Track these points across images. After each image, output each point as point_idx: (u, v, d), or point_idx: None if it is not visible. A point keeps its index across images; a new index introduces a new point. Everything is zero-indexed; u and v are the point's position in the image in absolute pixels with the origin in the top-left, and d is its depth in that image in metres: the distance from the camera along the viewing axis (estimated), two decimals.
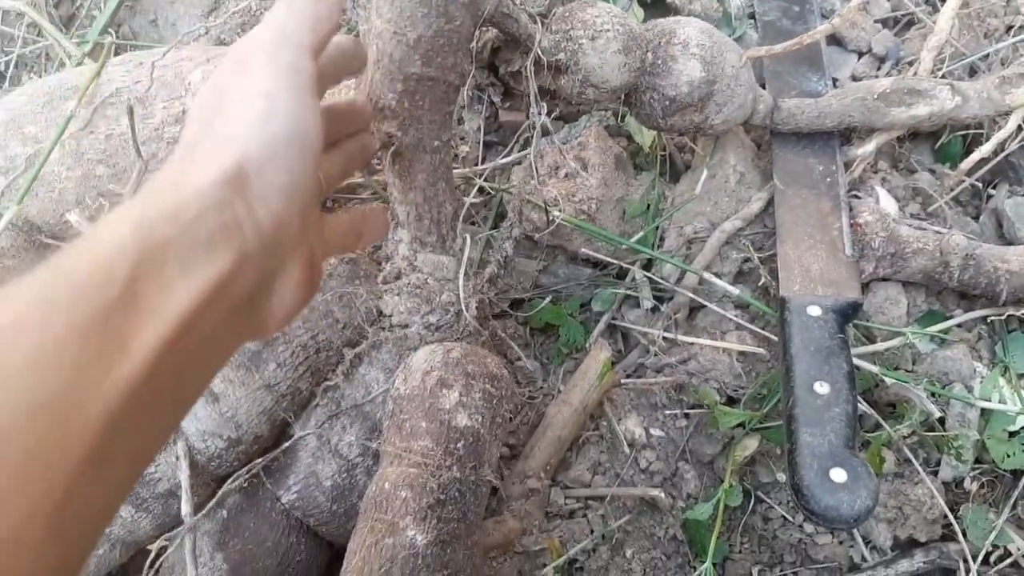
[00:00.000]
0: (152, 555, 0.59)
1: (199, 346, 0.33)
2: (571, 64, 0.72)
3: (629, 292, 0.86)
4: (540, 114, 0.72)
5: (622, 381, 0.81)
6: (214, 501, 0.58)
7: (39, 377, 0.27)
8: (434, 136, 0.69)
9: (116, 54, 1.02)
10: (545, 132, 0.82)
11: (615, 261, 0.86)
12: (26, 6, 1.07)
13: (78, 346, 0.28)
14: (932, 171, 0.90)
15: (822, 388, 0.66)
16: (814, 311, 0.71)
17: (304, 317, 0.64)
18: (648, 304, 0.85)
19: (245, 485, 0.62)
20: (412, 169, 0.70)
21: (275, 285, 0.39)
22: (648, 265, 0.87)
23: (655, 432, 0.79)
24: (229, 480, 0.60)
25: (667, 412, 0.80)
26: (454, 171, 0.79)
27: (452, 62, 0.66)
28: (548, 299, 0.87)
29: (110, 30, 1.07)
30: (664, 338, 0.81)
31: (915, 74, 0.88)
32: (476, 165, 0.93)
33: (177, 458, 0.58)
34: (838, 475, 0.61)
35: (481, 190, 0.88)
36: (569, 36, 0.72)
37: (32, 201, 0.75)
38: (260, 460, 0.62)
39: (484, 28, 0.75)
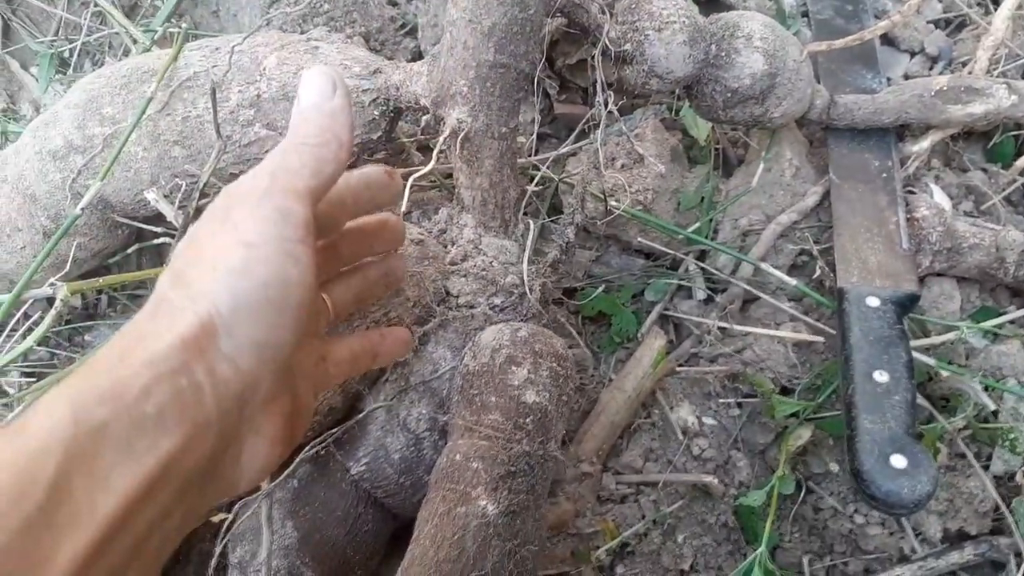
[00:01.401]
0: (228, 520, 0.61)
1: (148, 527, 0.31)
2: (637, 54, 0.74)
3: (682, 282, 0.87)
4: (607, 102, 0.73)
5: (676, 369, 0.82)
6: (290, 469, 0.60)
7: None
8: (503, 123, 0.71)
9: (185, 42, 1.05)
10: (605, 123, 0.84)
11: (669, 251, 0.88)
12: None
13: None
14: (984, 170, 0.91)
15: (881, 376, 0.67)
16: (873, 302, 0.72)
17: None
18: (701, 295, 0.87)
19: (318, 455, 0.63)
20: (480, 155, 0.72)
21: (244, 445, 0.37)
22: (701, 256, 0.88)
23: (708, 420, 0.80)
24: (304, 449, 0.62)
25: (720, 401, 0.81)
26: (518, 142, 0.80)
27: (524, 50, 0.68)
28: (601, 288, 0.88)
29: (172, 20, 1.10)
30: (719, 327, 0.82)
31: (971, 73, 0.89)
32: (531, 156, 0.95)
33: None
34: (898, 461, 0.62)
35: (534, 179, 0.90)
36: (636, 27, 0.73)
37: (109, 180, 0.78)
38: (335, 430, 0.64)
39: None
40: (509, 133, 0.73)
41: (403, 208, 0.65)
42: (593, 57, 0.73)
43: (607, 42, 0.72)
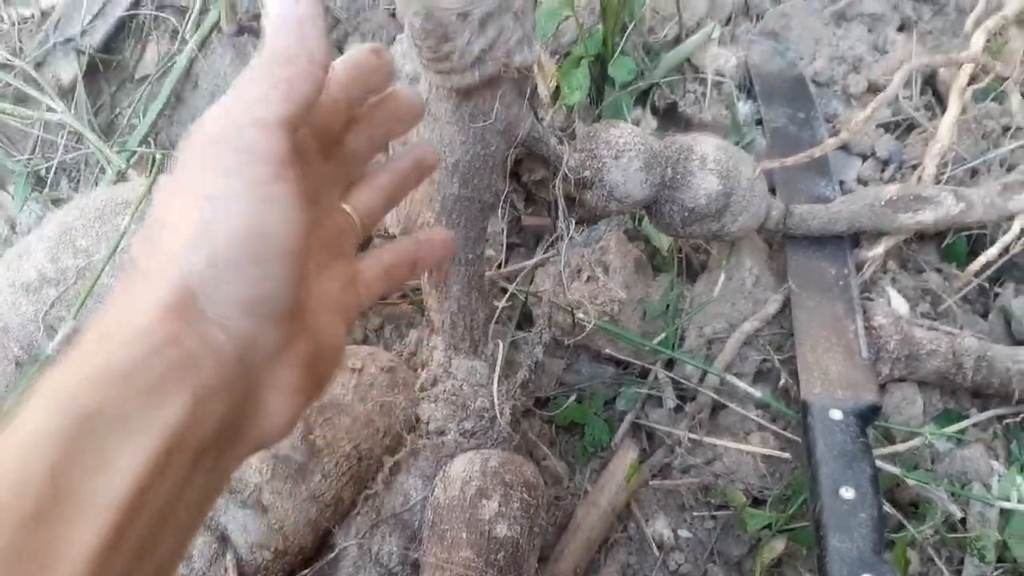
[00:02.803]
0: None
1: (166, 502, 0.30)
2: (596, 180, 0.77)
3: (652, 392, 0.88)
4: (569, 229, 0.76)
5: (649, 482, 0.83)
6: None
7: None
8: (469, 250, 0.73)
9: (153, 162, 1.08)
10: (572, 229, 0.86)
11: (637, 361, 0.89)
12: (69, 117, 1.12)
13: None
14: (939, 270, 0.94)
15: (848, 493, 0.68)
16: (835, 415, 0.74)
17: (347, 427, 0.67)
18: (671, 403, 0.88)
19: None
20: (448, 280, 0.74)
21: (260, 402, 0.34)
22: (670, 364, 0.90)
23: (683, 533, 0.81)
24: None
25: (694, 513, 0.81)
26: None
27: (488, 183, 0.70)
28: (573, 397, 0.89)
29: (148, 140, 1.13)
30: (689, 439, 0.83)
31: (919, 179, 0.93)
32: (500, 267, 0.97)
33: (226, 570, 0.60)
34: None
35: (505, 291, 0.92)
36: (594, 154, 0.76)
37: (81, 311, 0.78)
38: (307, 572, 0.64)
39: None
40: (476, 259, 0.75)
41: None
42: (555, 185, 0.76)
43: (567, 170, 0.75)
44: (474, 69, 0.62)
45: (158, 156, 0.91)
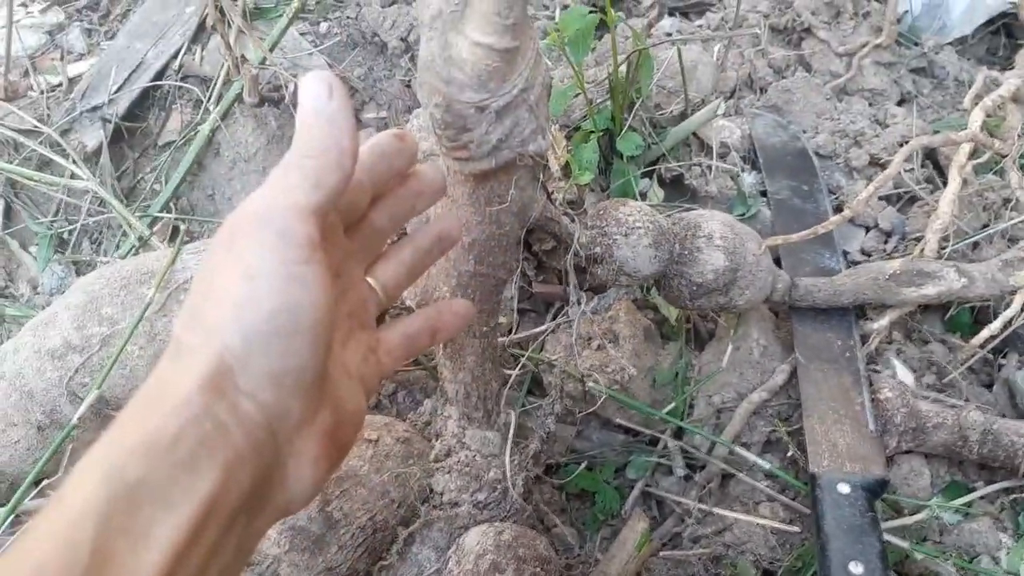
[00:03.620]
0: None
1: (200, 567, 0.31)
2: (606, 256, 0.79)
3: (662, 460, 0.89)
4: (580, 301, 0.78)
5: (660, 552, 0.83)
6: None
7: None
8: (483, 323, 0.75)
9: (175, 229, 1.11)
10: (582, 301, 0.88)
11: (647, 430, 0.91)
12: (93, 183, 1.16)
13: None
14: (944, 341, 0.95)
15: (857, 568, 0.69)
16: (844, 488, 0.75)
17: (363, 499, 0.68)
18: (681, 472, 0.89)
19: None
20: (462, 352, 0.76)
21: (286, 470, 0.36)
22: (679, 433, 0.91)
23: None
24: None
25: None
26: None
27: (502, 260, 0.73)
28: (583, 464, 0.90)
29: (170, 205, 1.16)
30: (699, 509, 0.84)
31: (922, 253, 0.95)
32: (511, 333, 0.99)
33: None
34: None
35: (516, 358, 0.94)
36: (604, 232, 0.79)
37: (106, 379, 0.80)
38: None
39: None
40: (489, 331, 0.77)
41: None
42: (567, 262, 0.78)
43: (578, 247, 0.78)
44: (491, 157, 0.65)
45: (181, 225, 0.94)
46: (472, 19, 0.59)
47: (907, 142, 1.05)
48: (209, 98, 1.23)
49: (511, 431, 0.77)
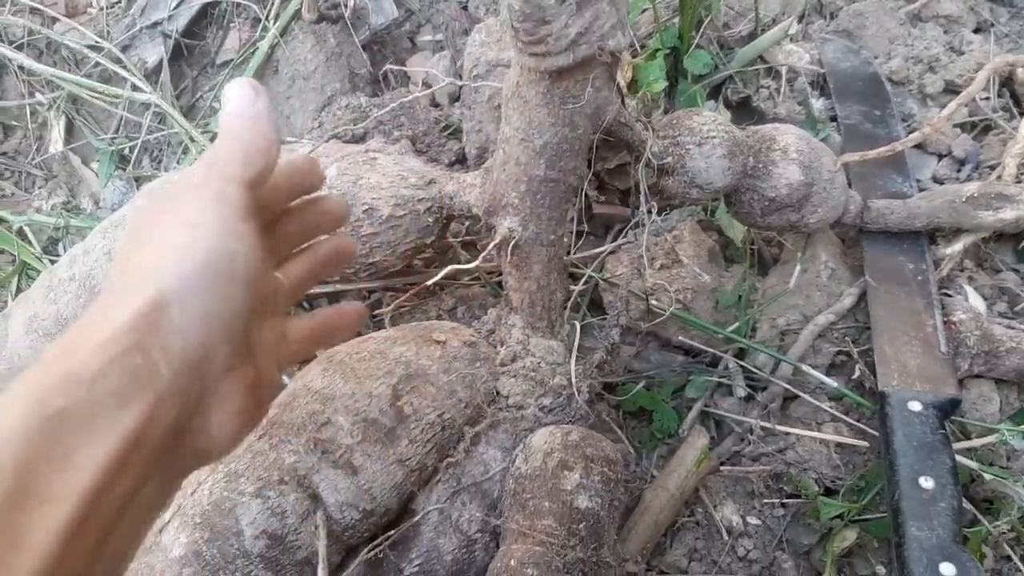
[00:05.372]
0: None
1: (122, 500, 0.33)
2: (678, 167, 0.78)
3: (722, 380, 0.89)
4: (650, 215, 0.77)
5: (720, 468, 0.83)
6: (348, 572, 0.62)
7: None
8: (551, 231, 0.75)
9: None
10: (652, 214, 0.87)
11: (709, 349, 0.90)
12: (155, 97, 1.16)
13: None
14: (1016, 271, 0.93)
15: (927, 483, 0.68)
16: (915, 406, 0.74)
17: (432, 396, 0.68)
18: (742, 392, 0.88)
19: (375, 557, 0.65)
20: (529, 260, 0.76)
21: (208, 415, 0.38)
22: (741, 354, 0.90)
23: (752, 520, 0.81)
24: (364, 551, 0.63)
25: (764, 501, 0.82)
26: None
27: (573, 165, 0.72)
28: (641, 384, 0.90)
29: None
30: (761, 427, 0.84)
31: (999, 178, 0.92)
32: (570, 253, 0.98)
33: (316, 527, 0.62)
34: (947, 569, 0.63)
35: (576, 278, 0.93)
36: (677, 141, 0.77)
37: None
38: (391, 533, 0.66)
39: None
40: (557, 240, 0.76)
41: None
42: (637, 169, 0.77)
43: (650, 156, 0.76)
44: (569, 52, 0.64)
45: None
46: None
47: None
48: (268, 15, 1.22)
49: (576, 340, 0.77)
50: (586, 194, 1.04)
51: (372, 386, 0.66)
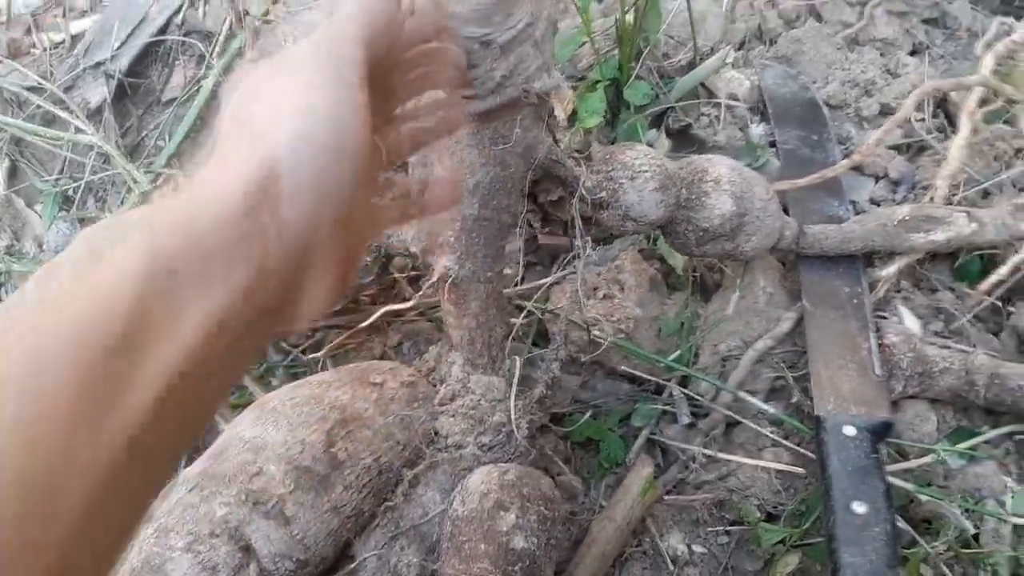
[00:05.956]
0: None
1: (216, 362, 0.32)
2: (612, 201, 0.78)
3: (667, 408, 0.90)
4: (585, 248, 0.77)
5: (664, 497, 0.84)
6: None
7: (26, 440, 0.26)
8: (487, 268, 0.75)
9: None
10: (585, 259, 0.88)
11: (652, 378, 0.90)
12: (98, 138, 1.16)
13: (72, 399, 0.27)
14: (952, 289, 0.95)
15: (860, 508, 0.69)
16: (849, 431, 0.75)
17: (368, 441, 0.68)
18: (686, 420, 0.89)
19: None
20: (467, 298, 0.76)
21: (303, 289, 0.37)
22: (684, 381, 0.91)
23: (697, 548, 0.81)
24: None
25: (709, 528, 0.82)
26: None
27: (506, 204, 0.72)
28: (588, 413, 0.91)
29: (174, 160, 1.16)
30: (704, 454, 0.84)
31: (931, 200, 0.94)
32: (517, 285, 0.99)
33: None
34: None
35: (521, 308, 0.94)
36: (610, 176, 0.78)
37: None
38: None
39: None
40: (494, 276, 0.77)
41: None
42: (572, 205, 0.78)
43: (583, 191, 0.77)
44: (496, 94, 0.64)
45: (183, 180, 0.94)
46: None
47: None
48: (212, 53, 1.22)
49: (516, 376, 0.77)
50: (531, 225, 1.05)
51: (305, 433, 0.66)
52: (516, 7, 0.61)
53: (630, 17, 1.00)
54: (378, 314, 0.74)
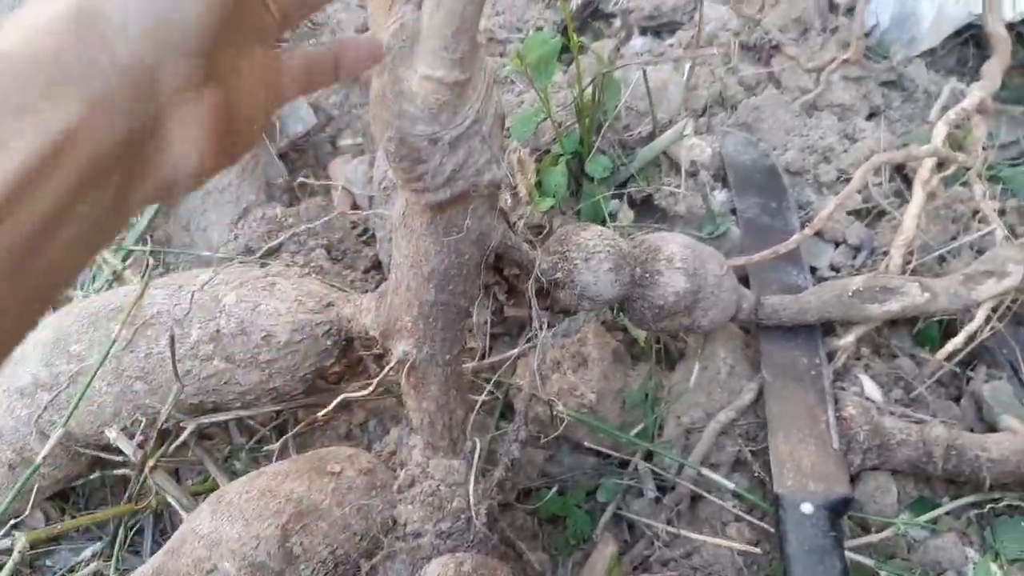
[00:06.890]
0: None
1: (56, 203, 0.31)
2: (568, 281, 0.80)
3: (632, 483, 0.90)
4: (543, 327, 0.78)
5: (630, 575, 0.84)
6: None
7: None
8: (446, 351, 0.76)
9: (152, 256, 1.11)
10: (548, 326, 0.89)
11: (617, 453, 0.91)
12: None
13: None
14: (912, 356, 0.96)
15: None
16: (807, 508, 0.75)
17: (324, 533, 0.68)
18: (652, 494, 0.89)
19: None
20: (426, 380, 0.77)
21: (168, 139, 0.35)
22: (649, 455, 0.91)
23: None
24: None
25: None
26: (464, 365, 0.84)
27: (463, 289, 0.74)
28: (555, 489, 0.91)
29: (145, 238, 1.17)
30: (668, 531, 0.84)
31: (887, 268, 0.95)
32: (484, 357, 1.00)
33: None
34: None
35: (488, 380, 0.94)
36: (566, 257, 0.80)
37: (73, 416, 0.81)
38: None
39: None
40: (453, 359, 0.77)
41: None
42: (528, 287, 0.79)
43: (539, 273, 0.78)
44: (446, 188, 0.66)
45: (151, 260, 0.95)
46: (420, 54, 0.60)
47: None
48: None
49: (476, 459, 0.78)
50: (497, 298, 1.06)
51: (260, 527, 0.66)
52: (463, 106, 0.62)
53: (589, 92, 1.03)
54: (335, 402, 0.74)
